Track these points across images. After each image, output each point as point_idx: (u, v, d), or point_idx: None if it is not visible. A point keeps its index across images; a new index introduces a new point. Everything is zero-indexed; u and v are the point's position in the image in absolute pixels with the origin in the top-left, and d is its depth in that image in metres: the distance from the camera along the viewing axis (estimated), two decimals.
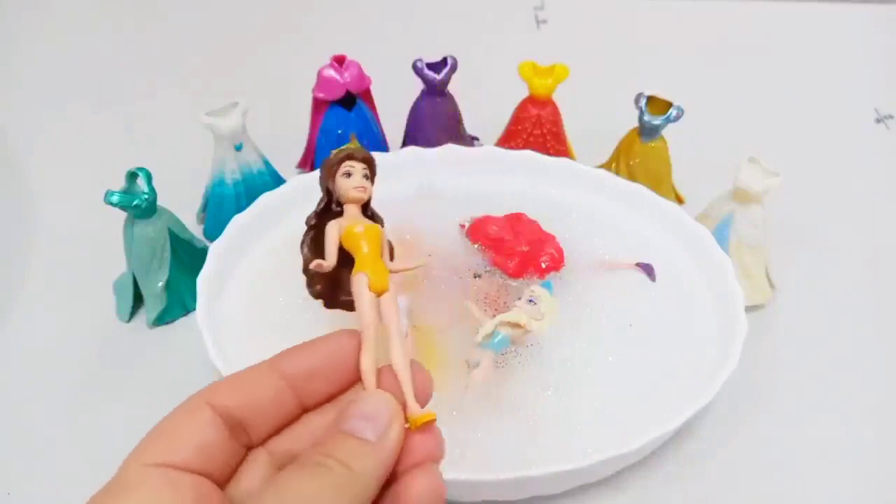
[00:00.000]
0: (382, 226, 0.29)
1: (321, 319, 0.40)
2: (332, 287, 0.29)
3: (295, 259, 0.43)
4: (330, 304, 0.30)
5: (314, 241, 0.29)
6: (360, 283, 0.26)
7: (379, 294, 0.26)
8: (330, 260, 0.27)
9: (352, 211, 0.28)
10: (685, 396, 0.34)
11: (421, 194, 0.47)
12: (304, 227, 0.30)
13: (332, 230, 0.27)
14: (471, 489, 0.33)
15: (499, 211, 0.45)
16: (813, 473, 0.37)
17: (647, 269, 0.42)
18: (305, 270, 0.29)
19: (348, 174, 0.28)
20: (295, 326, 0.40)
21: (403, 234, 0.43)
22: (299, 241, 0.30)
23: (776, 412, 0.40)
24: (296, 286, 0.41)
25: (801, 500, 0.36)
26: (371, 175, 0.29)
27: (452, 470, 0.32)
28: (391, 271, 0.27)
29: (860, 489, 0.37)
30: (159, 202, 0.41)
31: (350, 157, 0.29)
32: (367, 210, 0.29)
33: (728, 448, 0.38)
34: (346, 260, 0.27)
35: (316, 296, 0.29)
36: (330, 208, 0.29)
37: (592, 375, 0.37)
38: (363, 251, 0.26)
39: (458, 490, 0.33)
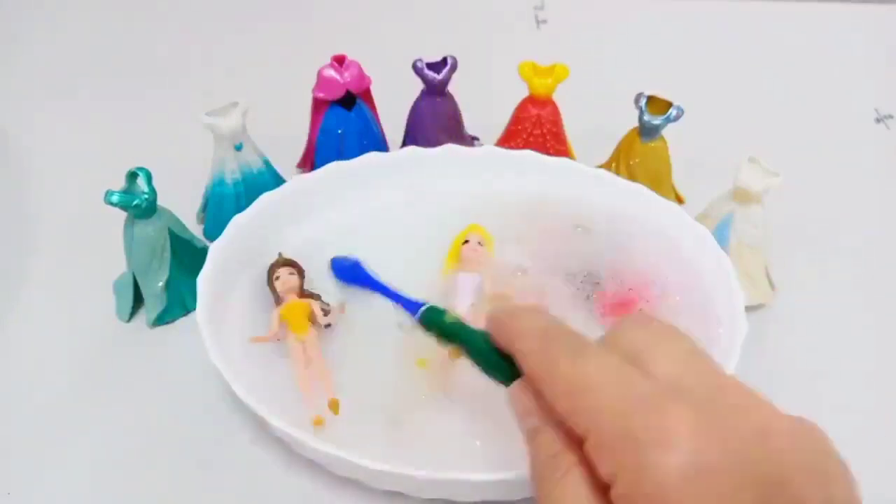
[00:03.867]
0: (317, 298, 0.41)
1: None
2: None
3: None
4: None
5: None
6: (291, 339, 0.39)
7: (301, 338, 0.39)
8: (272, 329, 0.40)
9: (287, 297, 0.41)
10: None
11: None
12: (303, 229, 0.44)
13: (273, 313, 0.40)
14: (471, 489, 0.33)
15: (499, 209, 0.46)
16: None
17: None
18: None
19: (278, 277, 0.41)
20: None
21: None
22: (298, 241, 0.43)
23: None
24: None
25: None
26: (296, 269, 0.41)
27: (453, 470, 0.32)
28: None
29: (860, 488, 0.37)
30: (159, 202, 0.41)
31: (274, 266, 0.41)
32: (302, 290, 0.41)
33: None
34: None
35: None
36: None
37: None
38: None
39: (458, 490, 0.33)
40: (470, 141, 0.54)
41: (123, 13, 0.75)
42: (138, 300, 0.44)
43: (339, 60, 0.49)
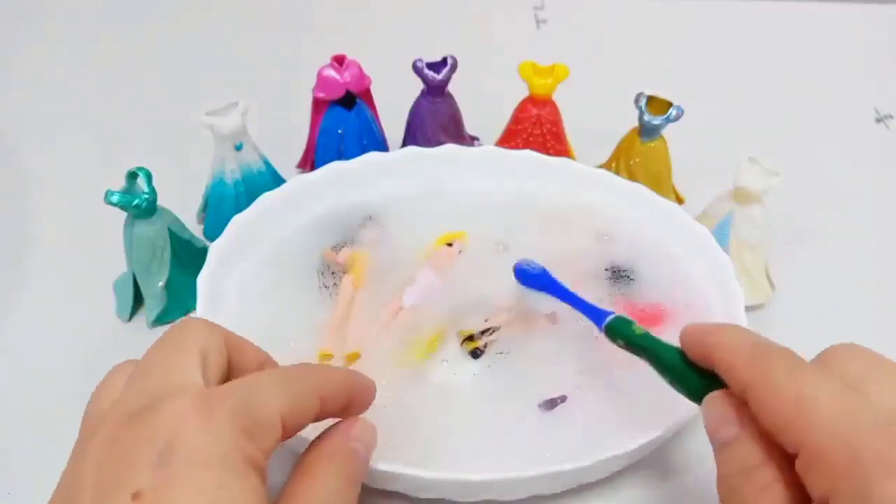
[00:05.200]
0: None
1: (319, 318, 0.40)
2: None
3: (293, 259, 0.43)
4: None
5: None
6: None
7: None
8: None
9: None
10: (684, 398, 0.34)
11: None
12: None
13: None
14: (471, 489, 0.33)
15: (497, 210, 0.46)
16: None
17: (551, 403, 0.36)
18: None
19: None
20: (294, 326, 0.40)
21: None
22: (299, 241, 0.44)
23: None
24: (295, 286, 0.42)
25: None
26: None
27: (453, 470, 0.32)
28: None
29: None
30: (159, 202, 0.41)
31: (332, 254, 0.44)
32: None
33: None
34: None
35: None
36: None
37: (592, 375, 0.37)
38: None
39: (458, 490, 0.33)
40: (470, 141, 0.54)
41: (123, 13, 0.75)
42: (138, 300, 0.44)
43: (339, 60, 0.49)
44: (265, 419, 0.24)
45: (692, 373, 0.28)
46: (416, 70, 0.49)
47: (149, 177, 0.40)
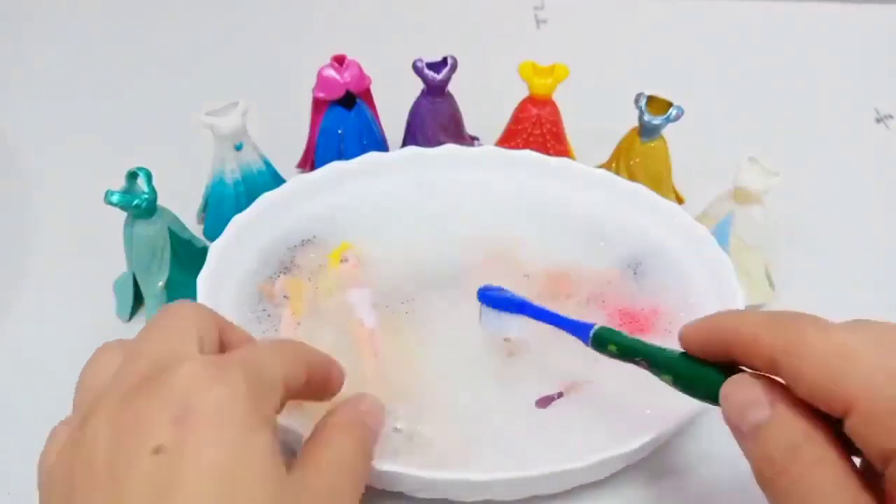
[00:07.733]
0: None
1: (319, 319, 0.40)
2: None
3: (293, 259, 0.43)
4: None
5: None
6: None
7: None
8: None
9: None
10: (685, 396, 0.34)
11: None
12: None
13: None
14: (471, 489, 0.33)
15: (499, 210, 0.46)
16: None
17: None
18: None
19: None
20: (293, 325, 0.40)
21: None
22: (298, 241, 0.42)
23: None
24: None
25: None
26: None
27: (453, 470, 0.32)
28: None
29: None
30: (159, 202, 0.41)
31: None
32: None
33: (727, 448, 0.38)
34: None
35: None
36: None
37: (592, 375, 0.37)
38: None
39: (457, 490, 0.33)
40: (470, 141, 0.54)
41: (123, 13, 0.75)
42: (138, 300, 0.44)
43: (339, 60, 0.49)
44: (271, 381, 0.26)
45: (699, 366, 0.26)
46: (416, 70, 0.49)
47: (149, 177, 0.40)
